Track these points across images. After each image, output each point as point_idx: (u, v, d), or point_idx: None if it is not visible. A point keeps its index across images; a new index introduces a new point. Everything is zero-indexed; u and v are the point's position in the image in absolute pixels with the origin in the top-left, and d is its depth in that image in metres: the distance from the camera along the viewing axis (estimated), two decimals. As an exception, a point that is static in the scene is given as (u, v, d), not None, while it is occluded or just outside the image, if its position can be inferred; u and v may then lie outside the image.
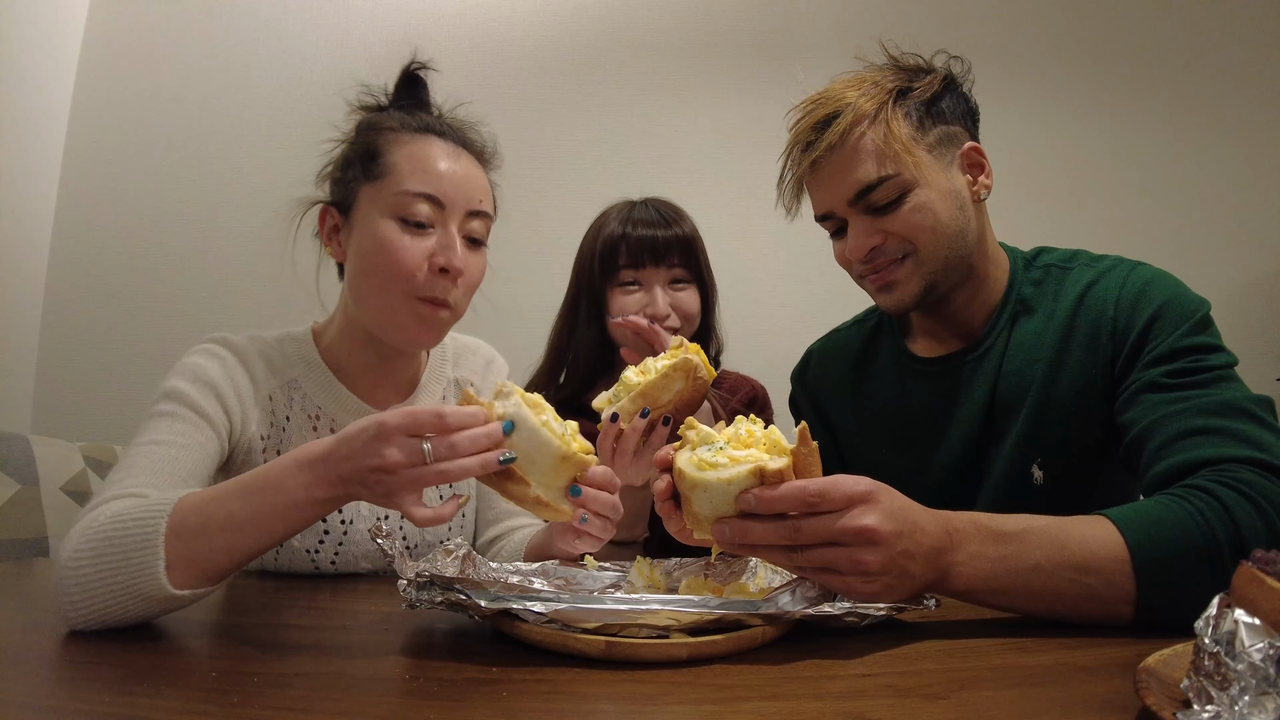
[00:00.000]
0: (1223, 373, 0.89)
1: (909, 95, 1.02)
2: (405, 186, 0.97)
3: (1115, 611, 0.71)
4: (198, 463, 0.91)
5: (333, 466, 0.70)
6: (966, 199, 1.03)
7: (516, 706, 0.54)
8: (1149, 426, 0.87)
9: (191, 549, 0.70)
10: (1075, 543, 0.71)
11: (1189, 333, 0.92)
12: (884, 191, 0.99)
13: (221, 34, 2.30)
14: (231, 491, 0.73)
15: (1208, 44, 2.36)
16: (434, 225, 0.99)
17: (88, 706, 0.53)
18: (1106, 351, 0.97)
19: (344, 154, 1.06)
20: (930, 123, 1.02)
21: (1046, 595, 0.71)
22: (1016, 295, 1.08)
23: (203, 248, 2.23)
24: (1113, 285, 1.00)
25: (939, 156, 1.02)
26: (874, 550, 0.65)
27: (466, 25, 2.33)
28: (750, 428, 0.70)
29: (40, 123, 2.20)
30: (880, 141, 0.99)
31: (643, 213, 1.41)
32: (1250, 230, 2.31)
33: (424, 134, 1.02)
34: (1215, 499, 0.73)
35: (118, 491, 0.81)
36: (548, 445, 0.74)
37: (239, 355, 1.04)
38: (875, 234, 1.02)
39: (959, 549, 0.70)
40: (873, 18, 2.33)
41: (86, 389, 2.18)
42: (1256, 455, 0.77)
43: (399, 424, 0.68)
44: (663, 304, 1.36)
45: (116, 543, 0.70)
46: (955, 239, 1.02)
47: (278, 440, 1.05)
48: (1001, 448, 1.04)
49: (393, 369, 1.12)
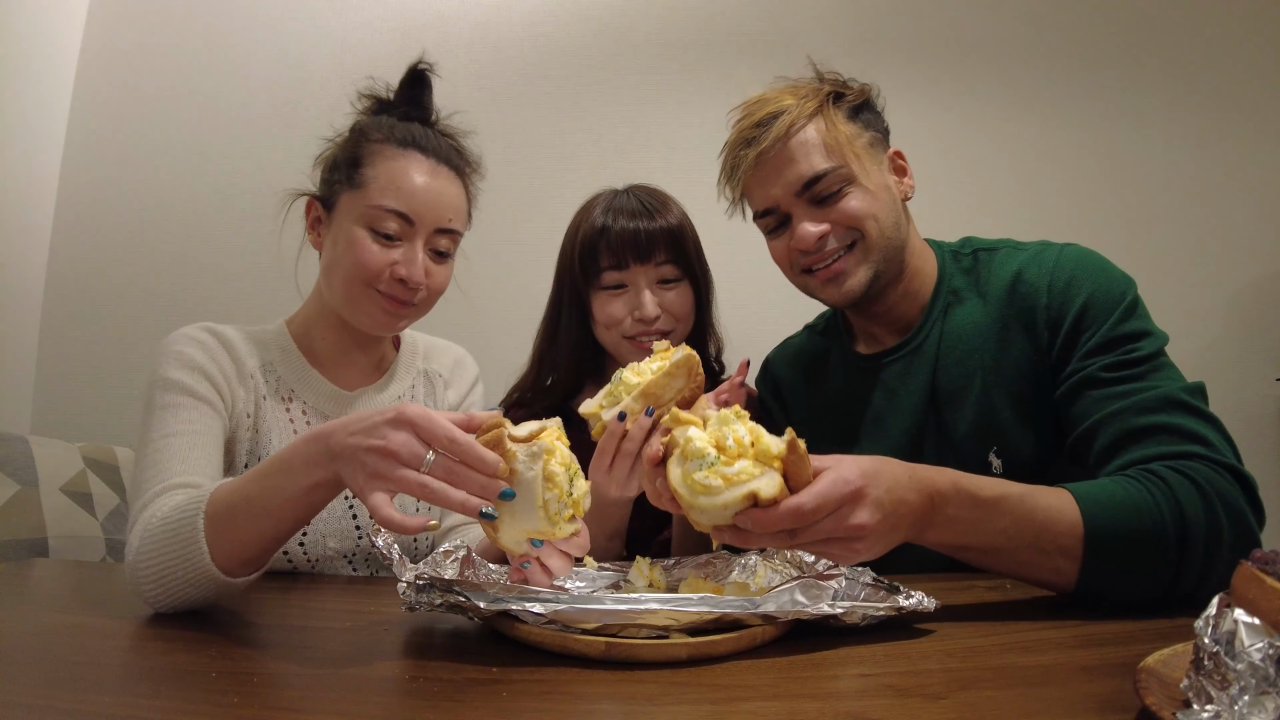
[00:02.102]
0: (1157, 360, 0.93)
1: (842, 100, 1.09)
2: (379, 201, 1.04)
3: (1062, 578, 0.78)
4: (213, 444, 0.97)
5: (331, 440, 0.70)
6: (897, 196, 1.10)
7: (516, 707, 0.54)
8: (1094, 425, 0.91)
9: (226, 537, 0.75)
10: (1040, 511, 0.77)
11: (1121, 319, 0.95)
12: (829, 181, 1.04)
13: (221, 34, 2.31)
14: (252, 476, 0.77)
15: (1208, 44, 2.36)
16: (402, 239, 1.05)
17: (88, 706, 0.53)
18: (1043, 337, 1.01)
19: (333, 154, 1.11)
20: (861, 126, 1.09)
21: (1005, 555, 0.78)
22: (947, 286, 1.12)
23: (203, 248, 2.23)
24: (1043, 270, 1.03)
25: (873, 156, 1.08)
26: (865, 541, 0.71)
27: (466, 25, 2.33)
28: (737, 433, 0.70)
29: (40, 123, 2.20)
30: (824, 135, 1.05)
31: (625, 202, 1.29)
32: (1250, 230, 2.31)
33: (406, 149, 1.07)
34: (1168, 486, 0.79)
35: (161, 486, 0.86)
36: (531, 518, 0.70)
37: (219, 339, 1.07)
38: (822, 223, 1.05)
39: (939, 511, 0.76)
40: (872, 17, 2.33)
41: (86, 390, 2.18)
42: (1201, 451, 0.83)
43: (415, 419, 0.68)
44: (650, 306, 1.24)
45: (169, 540, 0.76)
46: (893, 230, 1.07)
47: (257, 419, 1.08)
48: (953, 438, 1.06)
49: (363, 354, 1.17)
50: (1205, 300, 2.29)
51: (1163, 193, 2.32)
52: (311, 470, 0.72)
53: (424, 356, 1.26)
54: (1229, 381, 2.23)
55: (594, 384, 1.35)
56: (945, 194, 2.21)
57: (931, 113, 2.29)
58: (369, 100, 1.15)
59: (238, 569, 0.76)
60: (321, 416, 1.11)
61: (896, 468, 0.74)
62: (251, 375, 1.08)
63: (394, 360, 1.22)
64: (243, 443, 1.05)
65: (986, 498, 0.77)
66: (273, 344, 1.13)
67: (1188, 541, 0.76)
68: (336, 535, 1.09)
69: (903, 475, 0.74)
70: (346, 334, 1.14)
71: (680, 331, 1.29)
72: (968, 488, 0.76)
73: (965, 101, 2.32)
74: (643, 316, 1.24)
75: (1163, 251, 2.27)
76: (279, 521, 0.75)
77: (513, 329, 1.50)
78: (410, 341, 1.26)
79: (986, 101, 2.32)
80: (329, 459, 0.71)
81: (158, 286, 2.22)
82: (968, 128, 2.31)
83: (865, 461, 0.72)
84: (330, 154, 1.12)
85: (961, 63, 2.33)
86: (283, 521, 0.75)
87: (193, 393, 0.99)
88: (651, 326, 1.25)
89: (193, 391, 0.99)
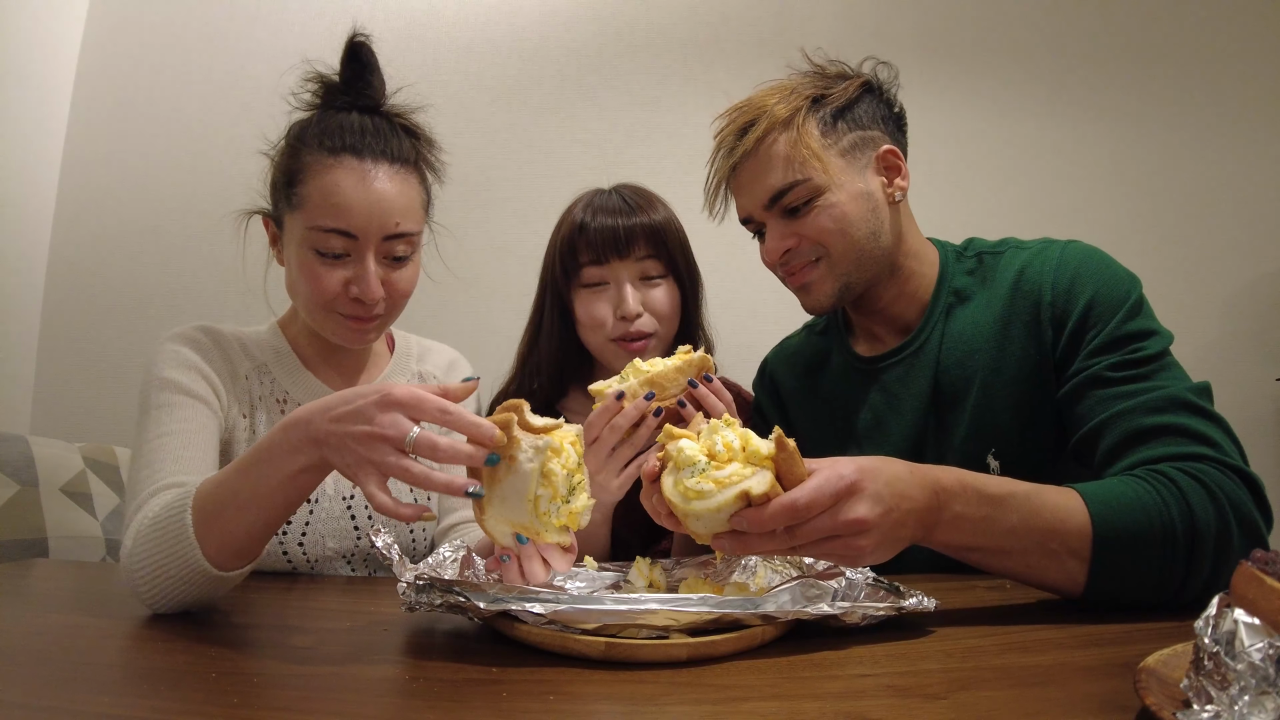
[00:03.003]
0: (1163, 360, 0.92)
1: (823, 102, 1.06)
2: (317, 222, 0.98)
3: (1071, 580, 0.76)
4: (208, 443, 0.97)
5: (318, 424, 0.69)
6: (881, 201, 1.06)
7: (516, 707, 0.54)
8: (1099, 425, 0.89)
9: (214, 532, 0.75)
10: (1049, 511, 0.75)
11: (1126, 318, 0.94)
12: (794, 195, 1.03)
13: (221, 34, 2.30)
14: (235, 469, 0.76)
15: (1208, 43, 2.36)
16: (350, 253, 1.00)
17: (88, 707, 0.53)
18: (1047, 335, 0.99)
19: (272, 173, 1.07)
20: (846, 127, 1.05)
21: (1014, 556, 0.76)
22: (950, 287, 1.10)
23: (202, 249, 2.22)
24: (1047, 267, 1.01)
25: (852, 161, 1.05)
26: (866, 535, 0.69)
27: (466, 26, 2.33)
28: (727, 439, 0.70)
29: (40, 123, 2.20)
30: (790, 148, 1.02)
31: (606, 200, 1.26)
32: (1250, 230, 2.31)
33: (338, 155, 0.99)
34: (1177, 487, 0.77)
35: (155, 486, 0.86)
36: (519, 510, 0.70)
37: (214, 340, 1.07)
38: (789, 237, 1.05)
39: (945, 508, 0.74)
40: (872, 17, 2.33)
41: (85, 390, 2.18)
42: (1210, 453, 0.81)
43: (403, 399, 0.67)
44: (633, 302, 1.20)
45: (160, 539, 0.76)
46: (867, 239, 1.05)
47: (253, 420, 1.08)
48: (952, 440, 1.05)
49: (356, 357, 1.17)
50: (1205, 300, 2.29)
51: (1163, 192, 2.32)
52: (295, 457, 0.71)
53: (418, 359, 1.26)
54: (1229, 381, 2.23)
55: (578, 388, 1.31)
56: (943, 193, 2.21)
57: (929, 113, 2.28)
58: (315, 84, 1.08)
59: (229, 562, 0.76)
60: None
61: (897, 464, 0.73)
62: (246, 377, 1.08)
63: (388, 362, 1.22)
64: (239, 444, 1.05)
65: (993, 494, 0.75)
66: (267, 345, 1.13)
67: (1197, 544, 0.75)
68: (335, 536, 1.09)
69: (903, 471, 0.73)
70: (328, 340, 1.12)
71: (665, 332, 1.26)
72: (974, 484, 0.75)
73: (964, 101, 2.31)
74: (624, 313, 1.20)
75: (1162, 251, 2.27)
76: (267, 510, 0.74)
77: (509, 330, 1.49)
78: (404, 343, 1.26)
79: (985, 101, 2.32)
80: (313, 444, 0.70)
81: (158, 287, 2.22)
82: (967, 128, 2.31)
83: (863, 459, 0.71)
84: (270, 172, 1.07)
85: (960, 63, 2.33)
86: (271, 510, 0.74)
87: (188, 391, 0.99)
88: (634, 324, 1.21)
89: (188, 390, 0.99)
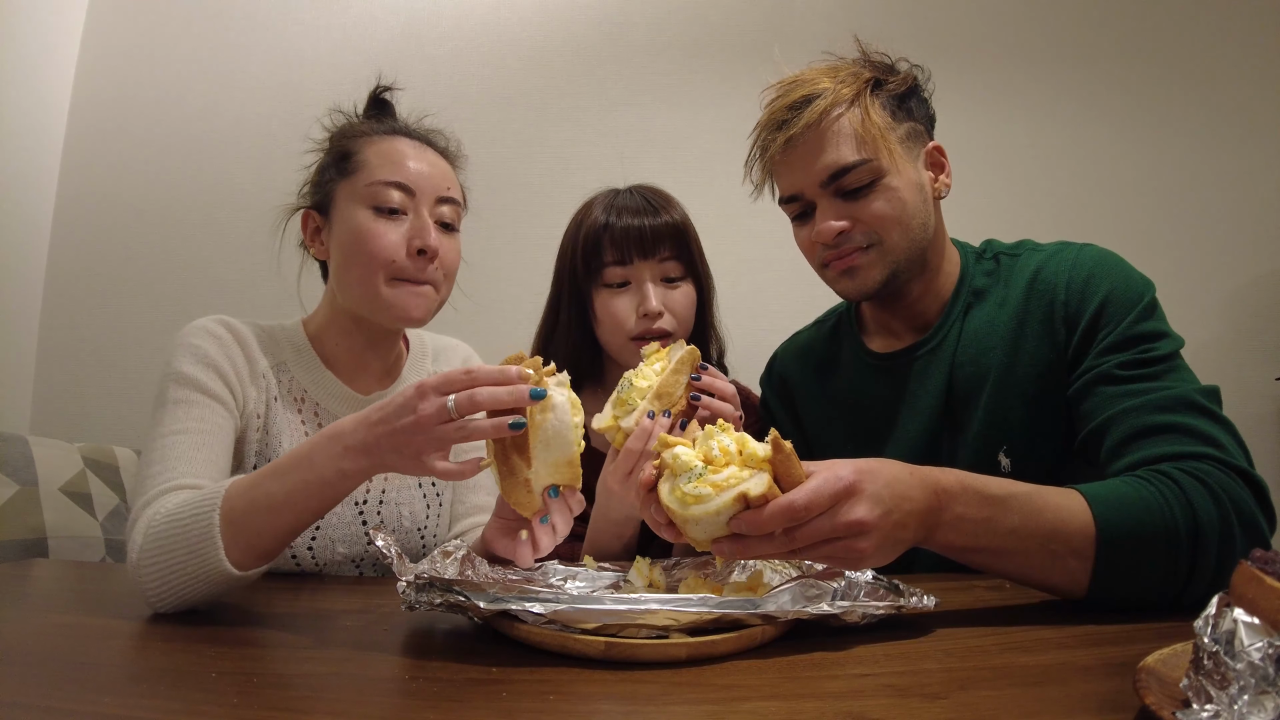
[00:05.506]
0: (1173, 362, 0.92)
1: (883, 87, 1.04)
2: (377, 177, 1.05)
3: (1074, 581, 0.75)
4: (222, 444, 0.97)
5: (363, 434, 0.75)
6: (929, 194, 1.06)
7: (516, 707, 0.54)
8: (1106, 421, 0.90)
9: (243, 534, 0.77)
10: (1050, 511, 0.75)
11: (1139, 319, 0.94)
12: (857, 175, 1.00)
13: (221, 33, 2.31)
14: (269, 473, 0.79)
15: (1207, 43, 2.36)
16: (406, 211, 1.05)
17: (88, 706, 0.53)
18: (1060, 335, 0.99)
19: (320, 162, 1.13)
20: (902, 116, 1.05)
21: (1016, 557, 0.75)
22: (969, 286, 1.10)
23: (202, 249, 2.23)
24: (1062, 268, 1.02)
25: (908, 150, 1.04)
26: (866, 537, 0.69)
27: (466, 26, 2.33)
28: (723, 443, 0.70)
29: (40, 123, 2.20)
30: (858, 125, 1.00)
31: (628, 200, 1.27)
32: (1250, 230, 2.31)
33: (392, 134, 1.10)
34: (1179, 488, 0.77)
35: (165, 485, 0.87)
36: (567, 441, 0.77)
37: (234, 334, 1.07)
38: (844, 218, 1.03)
39: (946, 509, 0.74)
40: (872, 17, 2.33)
41: (85, 390, 2.18)
42: (1214, 453, 0.81)
43: (434, 383, 0.74)
44: (654, 301, 1.21)
45: (179, 537, 0.77)
46: (919, 230, 1.04)
47: (268, 418, 1.07)
48: (964, 437, 1.04)
49: (376, 356, 1.17)
50: (1205, 300, 2.29)
51: (1162, 192, 2.32)
52: (336, 463, 0.76)
53: (433, 357, 1.26)
54: (1229, 381, 2.20)
55: (591, 387, 1.34)
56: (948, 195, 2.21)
57: (931, 113, 2.29)
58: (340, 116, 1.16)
59: (251, 563, 0.79)
60: (333, 419, 1.10)
61: (896, 466, 0.73)
62: (264, 374, 1.07)
63: (405, 363, 1.22)
64: (252, 443, 1.04)
65: (994, 494, 0.75)
66: (287, 343, 1.12)
67: (1200, 544, 0.75)
68: (346, 541, 1.08)
69: (903, 472, 0.72)
70: (360, 337, 1.13)
71: (682, 332, 1.27)
72: (974, 485, 0.75)
73: (964, 102, 2.31)
74: (646, 310, 1.21)
75: (1162, 251, 2.27)
76: (299, 514, 0.78)
77: (516, 330, 1.49)
78: (419, 342, 1.26)
79: (985, 103, 2.32)
80: (359, 453, 0.76)
81: (157, 286, 2.22)
82: (966, 128, 2.31)
83: (862, 460, 0.71)
84: (316, 165, 1.13)
85: (961, 63, 2.32)
86: (303, 514, 0.79)
87: (205, 389, 0.98)
88: (655, 323, 1.22)
89: (205, 388, 0.98)
